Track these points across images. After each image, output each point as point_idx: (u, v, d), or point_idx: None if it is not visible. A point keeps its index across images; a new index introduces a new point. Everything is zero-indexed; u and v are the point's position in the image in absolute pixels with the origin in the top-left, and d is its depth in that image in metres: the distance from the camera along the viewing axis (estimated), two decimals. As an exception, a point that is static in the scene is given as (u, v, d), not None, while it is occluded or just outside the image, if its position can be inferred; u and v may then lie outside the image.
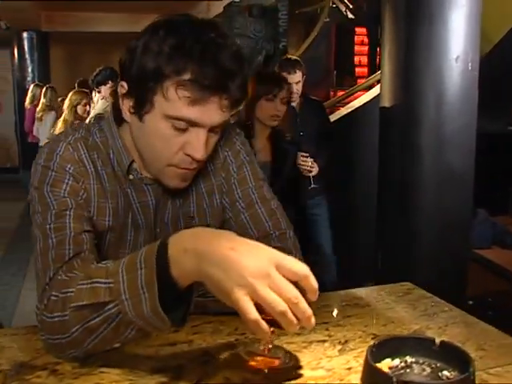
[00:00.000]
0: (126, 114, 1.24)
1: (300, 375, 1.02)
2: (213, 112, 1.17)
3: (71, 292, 1.06)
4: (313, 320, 0.92)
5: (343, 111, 4.63)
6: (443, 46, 3.14)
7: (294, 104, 4.08)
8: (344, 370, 1.04)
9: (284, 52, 6.06)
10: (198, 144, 1.19)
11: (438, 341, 1.02)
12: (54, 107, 6.64)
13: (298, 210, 3.45)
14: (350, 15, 6.48)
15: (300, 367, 1.05)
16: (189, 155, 1.21)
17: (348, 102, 5.05)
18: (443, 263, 3.21)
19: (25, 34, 10.57)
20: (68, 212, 1.20)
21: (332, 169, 4.02)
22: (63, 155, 1.25)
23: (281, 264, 0.92)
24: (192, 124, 1.17)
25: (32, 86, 7.40)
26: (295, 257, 1.33)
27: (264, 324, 0.89)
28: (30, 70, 10.43)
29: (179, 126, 1.17)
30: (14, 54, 10.85)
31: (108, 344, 1.08)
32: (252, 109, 3.09)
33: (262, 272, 0.89)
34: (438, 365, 1.01)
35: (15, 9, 8.62)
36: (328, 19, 6.67)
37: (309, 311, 0.91)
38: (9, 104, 11.50)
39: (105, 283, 1.02)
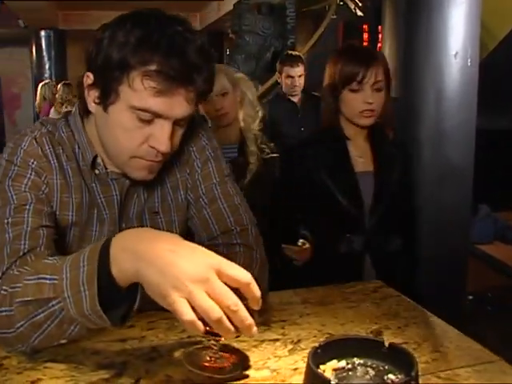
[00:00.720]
0: (91, 105, 1.20)
1: (243, 376, 0.97)
2: (178, 104, 1.13)
3: (19, 287, 1.02)
4: (254, 329, 0.88)
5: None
6: (442, 42, 3.08)
7: (295, 99, 4.04)
8: (290, 370, 0.99)
9: (292, 49, 6.01)
10: (162, 136, 1.15)
11: (387, 343, 0.96)
12: (74, 103, 6.62)
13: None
14: (359, 13, 6.40)
15: (245, 367, 1.00)
16: (153, 147, 1.17)
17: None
18: (443, 259, 3.15)
19: (42, 33, 10.58)
20: (27, 207, 1.17)
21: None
22: (27, 150, 1.22)
23: (222, 270, 0.87)
24: (157, 115, 1.13)
25: (40, 85, 7.34)
26: (256, 253, 1.29)
27: (200, 325, 0.85)
28: (47, 67, 10.43)
29: (144, 117, 1.13)
30: (32, 52, 10.88)
31: (54, 340, 1.04)
32: (336, 104, 2.03)
33: (200, 277, 0.85)
34: (386, 367, 0.95)
35: (33, 8, 8.66)
36: (335, 16, 6.60)
37: (249, 320, 0.87)
38: (28, 100, 11.56)
39: (50, 279, 0.99)
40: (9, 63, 12.99)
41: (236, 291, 0.87)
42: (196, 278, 0.84)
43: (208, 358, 1.00)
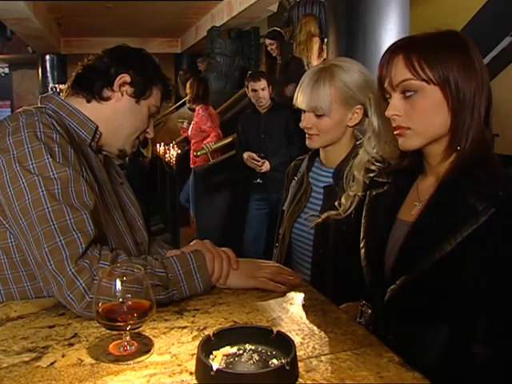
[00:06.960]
0: (122, 96, 1.32)
1: (144, 359, 0.92)
2: None
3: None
4: None
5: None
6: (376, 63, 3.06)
7: (262, 110, 3.94)
8: (188, 355, 0.93)
9: (257, 68, 6.03)
10: (153, 128, 1.44)
11: (275, 330, 0.91)
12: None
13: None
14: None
15: (149, 352, 0.94)
16: (147, 133, 1.42)
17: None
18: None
19: (47, 57, 10.65)
20: None
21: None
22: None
23: None
24: (156, 114, 1.40)
25: None
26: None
27: None
28: (50, 86, 10.36)
29: (151, 112, 1.38)
30: (38, 73, 10.85)
31: None
32: None
33: None
34: (274, 353, 0.90)
35: (39, 36, 8.67)
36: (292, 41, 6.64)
37: None
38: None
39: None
40: (21, 83, 12.90)
41: None
42: None
43: (117, 345, 0.97)
